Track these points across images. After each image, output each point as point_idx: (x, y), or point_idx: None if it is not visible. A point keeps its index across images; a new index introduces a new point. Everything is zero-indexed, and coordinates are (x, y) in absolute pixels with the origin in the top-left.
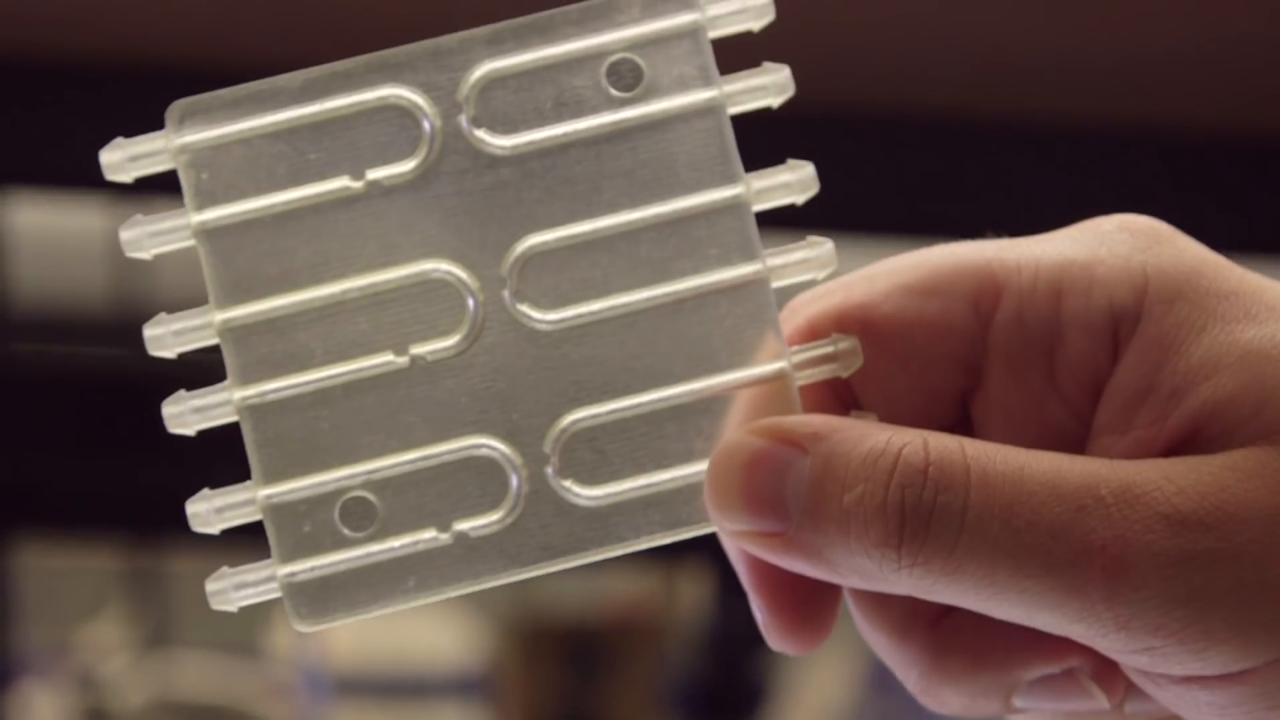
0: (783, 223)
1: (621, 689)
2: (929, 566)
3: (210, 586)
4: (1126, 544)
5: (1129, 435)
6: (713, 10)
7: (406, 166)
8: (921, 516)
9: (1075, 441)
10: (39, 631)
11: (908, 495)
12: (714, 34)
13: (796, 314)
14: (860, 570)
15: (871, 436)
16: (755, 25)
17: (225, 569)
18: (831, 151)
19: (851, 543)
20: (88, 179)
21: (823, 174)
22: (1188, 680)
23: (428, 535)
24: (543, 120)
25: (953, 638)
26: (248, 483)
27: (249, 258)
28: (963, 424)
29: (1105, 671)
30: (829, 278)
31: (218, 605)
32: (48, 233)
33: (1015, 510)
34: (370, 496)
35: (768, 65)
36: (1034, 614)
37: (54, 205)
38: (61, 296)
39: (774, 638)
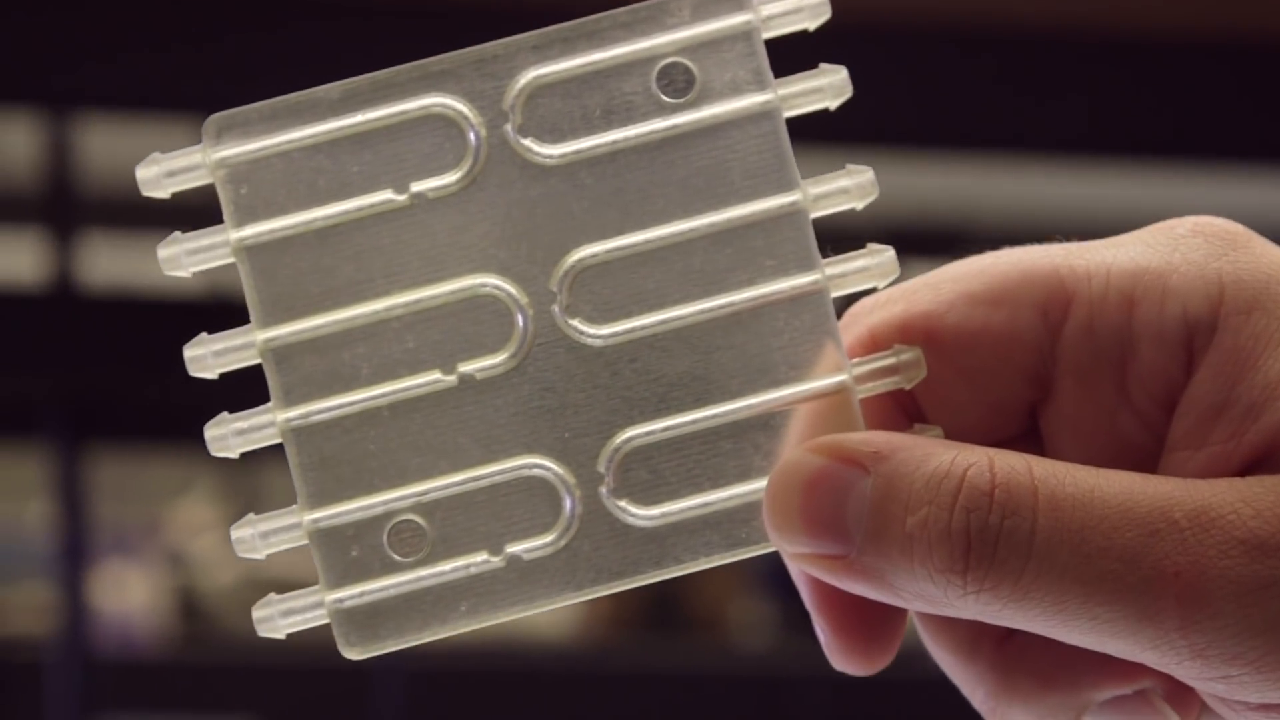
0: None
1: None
2: (996, 593)
3: (257, 614)
4: (1201, 571)
5: (1204, 451)
6: (766, 10)
7: (451, 178)
8: (987, 541)
9: (1148, 455)
10: (130, 510)
11: (973, 519)
12: (768, 35)
13: (857, 322)
14: (924, 595)
15: (935, 456)
16: (811, 24)
17: (272, 595)
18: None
19: (915, 567)
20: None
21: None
22: (1266, 707)
23: (479, 559)
24: (591, 128)
25: (1020, 657)
26: (293, 507)
27: (291, 275)
28: (1031, 435)
29: (1179, 692)
30: (890, 284)
31: (264, 633)
32: (124, 149)
33: (1085, 535)
34: (419, 520)
35: (825, 67)
36: (1105, 641)
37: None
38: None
39: (837, 659)
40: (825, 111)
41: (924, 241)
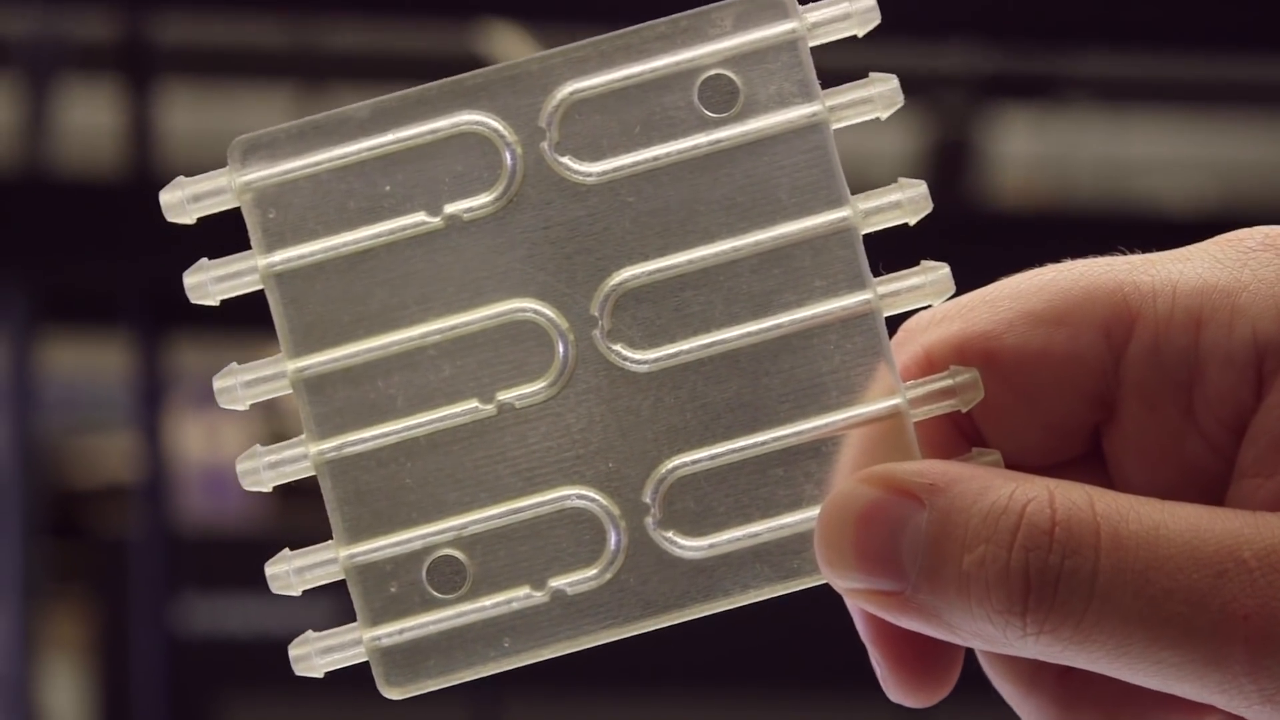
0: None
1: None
2: (1056, 635)
3: (294, 652)
4: (1271, 614)
5: (1274, 480)
6: (812, 18)
7: (487, 198)
8: (1048, 582)
9: (1216, 480)
10: (220, 361)
11: (1032, 559)
12: (814, 43)
13: (912, 340)
14: (982, 634)
15: (993, 490)
16: (859, 31)
17: (310, 633)
18: None
19: (973, 607)
20: None
21: None
22: None
23: (521, 593)
24: (631, 144)
25: (1083, 689)
26: (329, 542)
27: (322, 302)
28: (1093, 457)
29: None
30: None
31: (302, 671)
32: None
33: (1150, 576)
34: (459, 554)
35: (874, 76)
36: (1170, 684)
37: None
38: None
39: (893, 691)
40: None
41: (1016, 86)
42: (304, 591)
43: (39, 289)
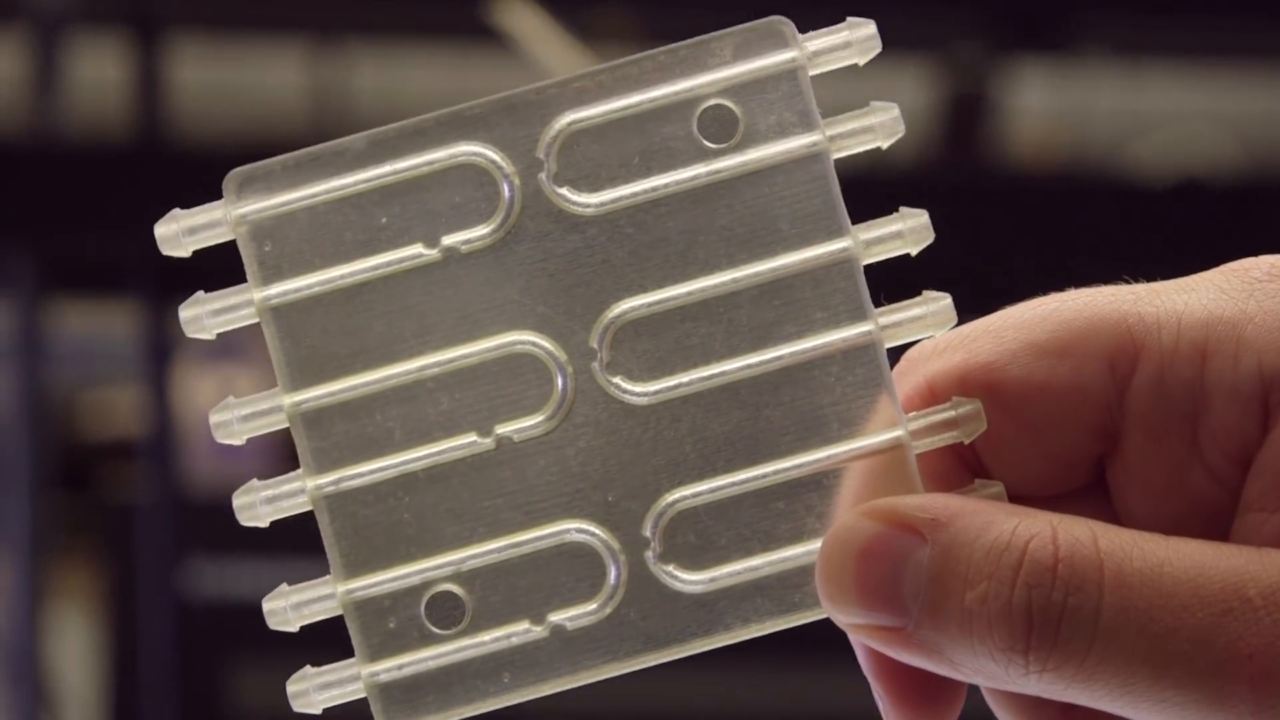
0: None
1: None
2: (1059, 673)
3: (292, 688)
4: (1277, 653)
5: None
6: (812, 46)
7: (484, 230)
8: (1050, 620)
9: (1221, 513)
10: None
11: (1035, 596)
12: (814, 72)
13: (915, 369)
14: (984, 671)
15: (996, 525)
16: (860, 60)
17: (308, 669)
18: None
19: (975, 644)
20: None
21: None
22: None
23: (521, 628)
24: (630, 175)
25: None
26: (327, 577)
27: (319, 335)
28: (1097, 488)
29: None
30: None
31: (300, 708)
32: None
33: (1154, 615)
34: (458, 590)
35: (875, 105)
36: None
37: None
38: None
39: None
40: None
41: (1032, 38)
42: (311, 549)
43: (47, 254)
